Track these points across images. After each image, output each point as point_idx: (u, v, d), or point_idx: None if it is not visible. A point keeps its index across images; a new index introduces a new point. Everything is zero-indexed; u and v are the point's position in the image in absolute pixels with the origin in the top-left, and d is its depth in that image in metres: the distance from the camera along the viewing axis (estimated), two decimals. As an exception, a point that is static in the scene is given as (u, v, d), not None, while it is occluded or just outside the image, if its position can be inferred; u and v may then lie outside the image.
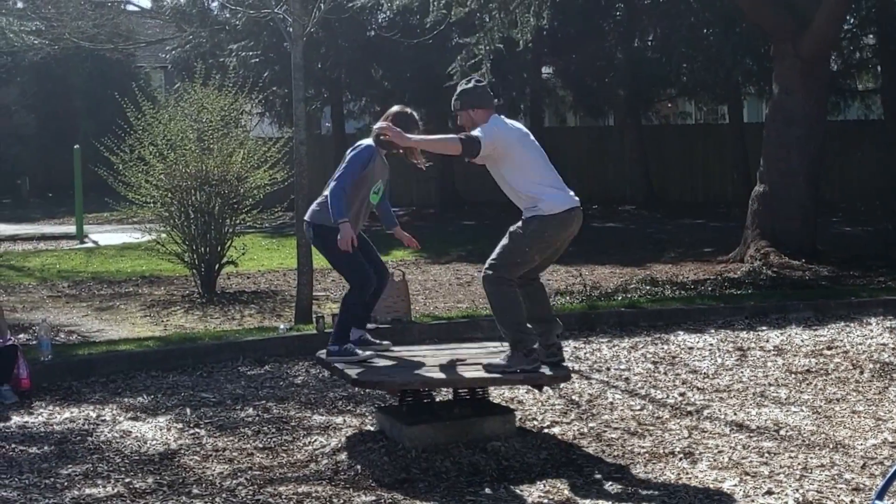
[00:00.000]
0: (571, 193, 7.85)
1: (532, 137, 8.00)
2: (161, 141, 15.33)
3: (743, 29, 23.91)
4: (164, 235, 15.87)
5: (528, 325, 7.77)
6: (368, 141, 8.41)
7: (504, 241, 7.81)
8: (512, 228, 7.83)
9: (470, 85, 8.06)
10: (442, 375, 7.81)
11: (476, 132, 7.69)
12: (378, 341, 8.57)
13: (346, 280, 8.52)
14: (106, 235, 24.55)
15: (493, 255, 7.80)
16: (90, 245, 23.24)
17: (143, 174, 15.42)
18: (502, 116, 7.98)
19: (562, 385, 9.52)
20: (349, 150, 8.43)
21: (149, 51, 38.71)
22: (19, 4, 25.02)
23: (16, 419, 8.85)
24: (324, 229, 8.31)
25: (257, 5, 15.79)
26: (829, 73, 20.39)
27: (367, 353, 8.25)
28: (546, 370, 7.81)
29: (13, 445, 8.07)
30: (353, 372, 7.85)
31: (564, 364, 8.13)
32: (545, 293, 8.20)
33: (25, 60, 30.99)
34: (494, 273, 7.74)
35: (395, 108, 8.58)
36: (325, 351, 8.42)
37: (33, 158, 39.35)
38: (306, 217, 8.56)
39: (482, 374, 7.77)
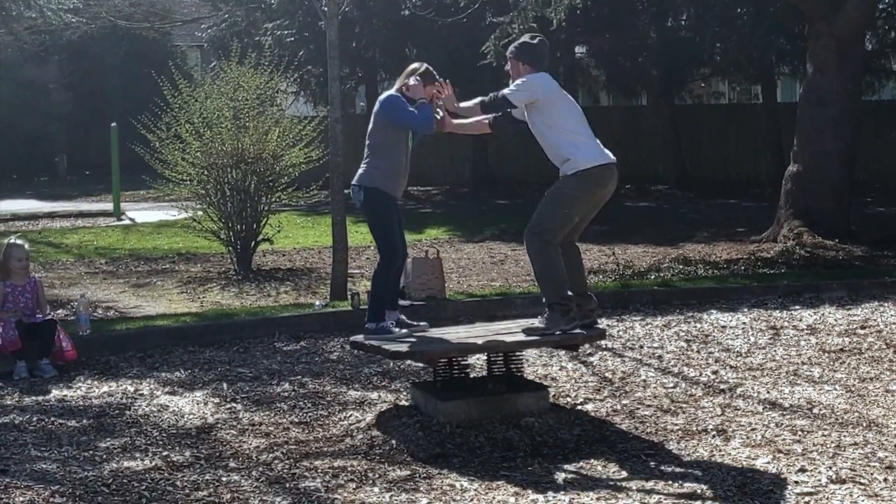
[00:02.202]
0: (608, 151, 7.91)
1: (571, 99, 8.07)
2: (197, 119, 15.41)
3: (777, 8, 23.78)
4: (200, 213, 15.97)
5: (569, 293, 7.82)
6: (390, 91, 8.49)
7: (544, 203, 7.87)
8: (549, 191, 7.89)
9: (534, 41, 8.12)
10: (479, 342, 7.87)
11: (512, 89, 7.84)
12: (415, 323, 8.59)
13: (378, 248, 8.56)
14: (142, 213, 24.68)
15: (534, 219, 7.85)
16: (127, 222, 23.37)
17: (179, 152, 15.50)
18: (548, 76, 8.01)
19: (595, 362, 9.59)
20: (377, 105, 8.47)
21: (185, 30, 38.79)
22: (57, -17, 25.16)
23: (55, 393, 8.96)
24: (373, 192, 8.36)
25: (293, -16, 15.85)
26: (864, 53, 20.27)
27: (403, 330, 8.31)
28: (580, 331, 7.89)
29: (53, 419, 8.18)
30: (389, 346, 7.91)
31: (598, 325, 8.18)
32: (582, 267, 8.27)
33: (63, 39, 31.12)
34: (538, 237, 7.80)
35: (416, 66, 8.64)
36: (359, 336, 8.45)
37: (70, 136, 39.51)
38: (355, 180, 8.50)
39: (520, 337, 7.85)
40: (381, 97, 8.53)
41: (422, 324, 8.61)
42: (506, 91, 7.87)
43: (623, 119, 32.81)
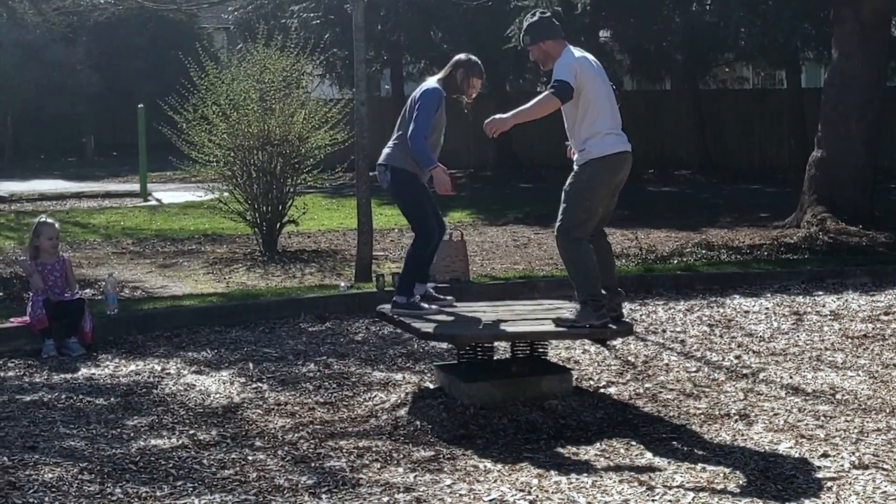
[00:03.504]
0: (624, 136, 7.94)
1: (599, 67, 8.03)
2: (224, 101, 15.47)
3: (802, -7, 23.68)
4: (226, 194, 16.04)
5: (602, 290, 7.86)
6: (433, 83, 8.47)
7: (564, 201, 7.88)
8: (565, 187, 7.91)
9: (535, 18, 8.12)
10: (511, 329, 7.91)
11: (559, 75, 7.69)
12: (442, 297, 8.65)
13: (413, 229, 8.59)
14: (169, 194, 24.82)
15: (560, 219, 7.87)
16: (154, 203, 23.51)
17: (206, 133, 15.57)
18: (572, 48, 7.99)
19: (618, 346, 9.63)
20: (417, 94, 8.45)
21: (211, 12, 38.80)
22: (85, -35, 25.23)
23: (83, 371, 9.07)
24: (401, 172, 8.39)
25: (319, -33, 15.88)
26: (890, 39, 20.19)
27: (434, 307, 8.36)
28: (611, 325, 7.93)
29: (81, 396, 8.28)
30: (422, 326, 7.94)
31: (624, 320, 8.24)
32: (612, 261, 8.32)
33: (90, 20, 31.19)
34: (566, 236, 7.84)
35: (462, 57, 8.61)
36: (386, 306, 8.54)
37: (98, 118, 39.71)
38: (381, 160, 8.53)
39: (550, 327, 7.88)
40: (425, 87, 8.49)
41: (448, 298, 8.66)
42: (557, 77, 7.67)
43: (647, 104, 32.73)
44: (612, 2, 28.11)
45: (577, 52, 7.96)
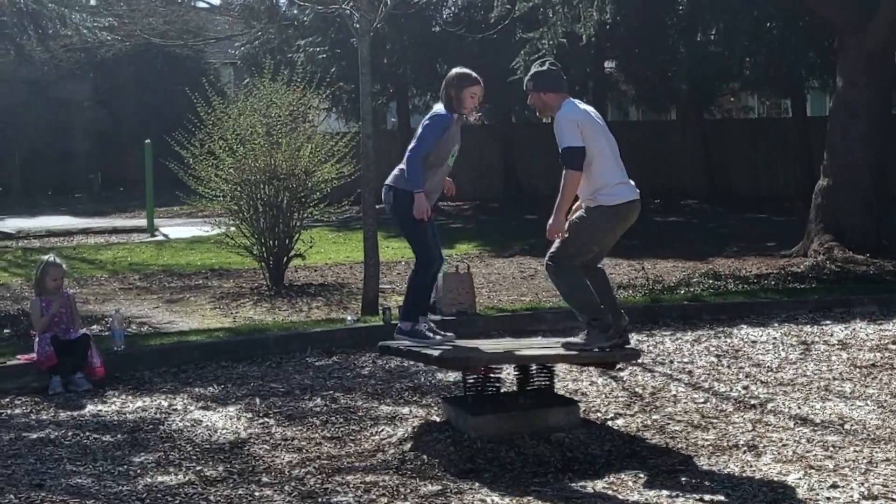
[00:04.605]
0: (632, 184, 7.95)
1: (601, 120, 8.04)
2: (230, 135, 15.51)
3: (806, 22, 23.75)
4: (233, 229, 16.05)
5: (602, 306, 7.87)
6: (441, 108, 8.44)
7: (566, 231, 7.88)
8: (572, 218, 7.92)
9: (544, 67, 8.12)
10: (521, 353, 7.93)
11: (564, 140, 7.71)
12: (443, 333, 8.56)
13: (414, 252, 8.54)
14: (176, 229, 24.83)
15: (554, 247, 7.91)
16: (160, 238, 23.51)
17: (212, 168, 15.60)
18: (574, 101, 8.01)
19: (625, 377, 9.61)
20: (429, 118, 8.40)
21: (218, 47, 39.03)
22: (92, 1, 25.36)
23: (90, 408, 9.06)
24: (404, 194, 8.31)
25: (325, 1, 15.94)
26: (894, 66, 20.23)
27: (438, 337, 8.31)
28: (618, 349, 7.95)
29: (87, 433, 8.26)
30: (433, 352, 7.93)
31: (630, 344, 8.23)
32: (610, 287, 8.30)
33: (98, 56, 31.33)
34: (556, 264, 7.87)
35: (449, 76, 8.53)
36: (388, 342, 8.50)
37: (105, 153, 39.76)
38: (388, 181, 8.48)
39: (560, 351, 7.90)
40: (432, 111, 8.46)
41: (448, 334, 8.57)
42: (564, 145, 7.72)
43: (652, 134, 32.76)
44: (616, 32, 28.17)
45: (581, 106, 8.00)
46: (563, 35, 18.06)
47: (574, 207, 8.00)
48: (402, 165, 8.37)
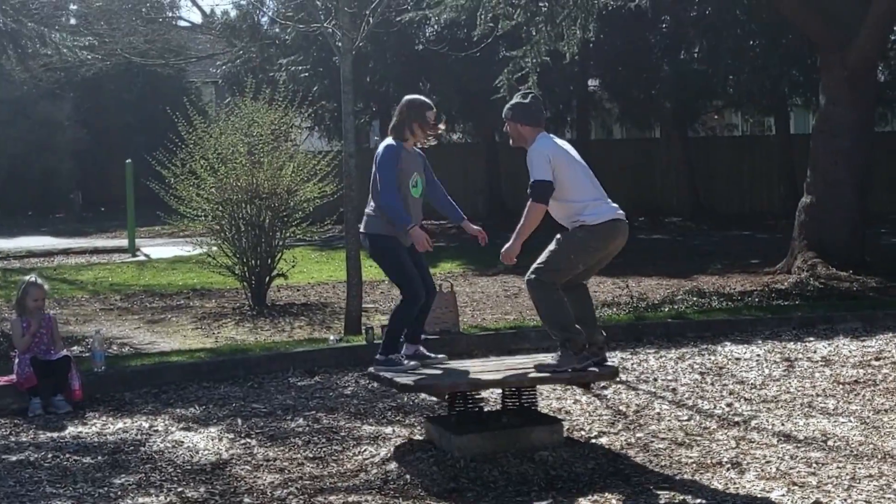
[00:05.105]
0: (615, 206, 7.97)
1: (574, 153, 8.11)
2: (212, 155, 15.47)
3: (789, 40, 23.87)
4: (214, 248, 16.01)
5: (577, 326, 7.85)
6: (388, 140, 8.44)
7: (550, 246, 7.95)
8: (559, 235, 7.96)
9: (526, 100, 8.16)
10: (489, 377, 7.89)
11: (534, 173, 7.80)
12: (433, 355, 8.59)
13: (401, 291, 8.56)
14: (157, 249, 24.77)
15: (538, 261, 7.94)
16: (142, 258, 23.45)
17: (194, 188, 15.55)
18: (550, 136, 8.10)
19: (609, 395, 9.58)
20: (381, 151, 8.41)
21: (199, 66, 39.00)
22: (72, 21, 25.25)
23: (70, 429, 8.98)
24: (378, 238, 8.38)
25: (307, 20, 15.92)
26: (876, 84, 20.29)
27: (413, 363, 8.31)
28: (593, 368, 7.92)
29: (67, 455, 8.19)
30: (400, 378, 7.93)
31: (609, 363, 8.22)
32: (591, 302, 8.31)
33: (78, 76, 31.26)
34: (538, 278, 7.89)
35: (402, 105, 8.61)
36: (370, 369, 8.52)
37: (86, 173, 39.69)
38: (361, 228, 8.59)
39: (531, 373, 7.89)
40: (379, 150, 8.46)
41: (440, 356, 8.60)
42: (533, 178, 7.81)
43: (636, 151, 32.90)
44: (600, 51, 28.29)
45: (556, 140, 8.08)
46: (546, 53, 18.04)
47: None
48: (370, 208, 8.43)
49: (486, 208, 31.38)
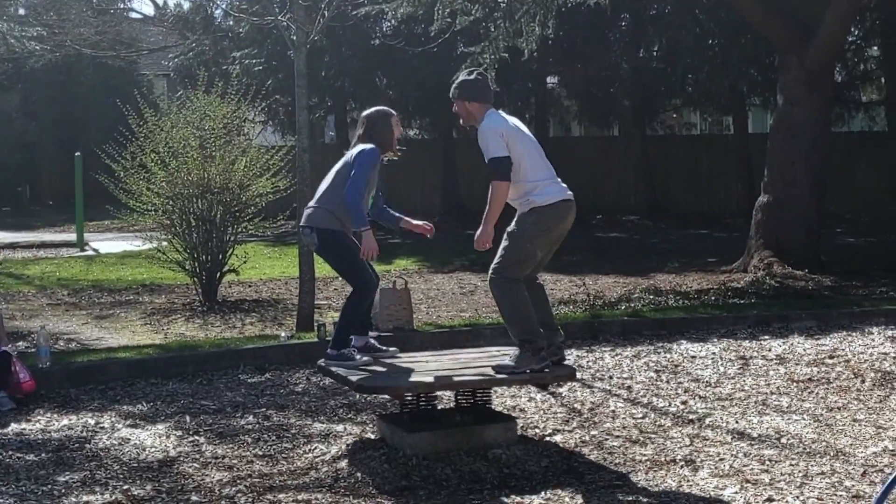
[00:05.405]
0: (564, 185, 7.92)
1: (525, 129, 8.05)
2: (163, 148, 15.30)
3: (748, 40, 23.91)
4: (165, 243, 15.83)
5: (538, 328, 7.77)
6: (369, 145, 8.36)
7: (504, 242, 7.87)
8: (509, 229, 7.90)
9: (471, 77, 8.09)
10: (448, 378, 7.79)
11: (490, 151, 7.70)
12: (385, 348, 8.52)
13: (351, 284, 8.47)
14: (106, 243, 24.57)
15: (497, 259, 7.85)
16: (90, 253, 23.23)
17: (144, 182, 15.38)
18: (499, 111, 8.01)
19: (564, 393, 9.51)
20: (354, 153, 8.35)
21: (151, 58, 38.74)
22: (21, 11, 24.98)
23: (13, 426, 8.81)
24: (329, 233, 8.27)
25: (261, 13, 15.80)
26: (834, 85, 20.36)
27: (366, 358, 8.22)
28: (550, 369, 7.86)
29: (10, 452, 8.04)
30: (355, 377, 7.81)
31: (567, 363, 8.13)
32: (547, 301, 8.24)
33: (27, 67, 30.99)
34: (500, 275, 7.79)
35: (373, 115, 8.54)
36: (320, 362, 8.42)
37: (34, 166, 39.42)
38: (305, 222, 8.47)
39: (490, 374, 7.79)
40: (361, 147, 8.35)
41: (391, 349, 8.53)
42: (490, 156, 7.72)
43: (595, 149, 32.92)
44: (559, 48, 28.26)
45: (505, 116, 8.00)
46: (504, 50, 17.98)
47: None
48: (318, 202, 8.36)
49: (443, 205, 31.31)
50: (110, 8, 30.63)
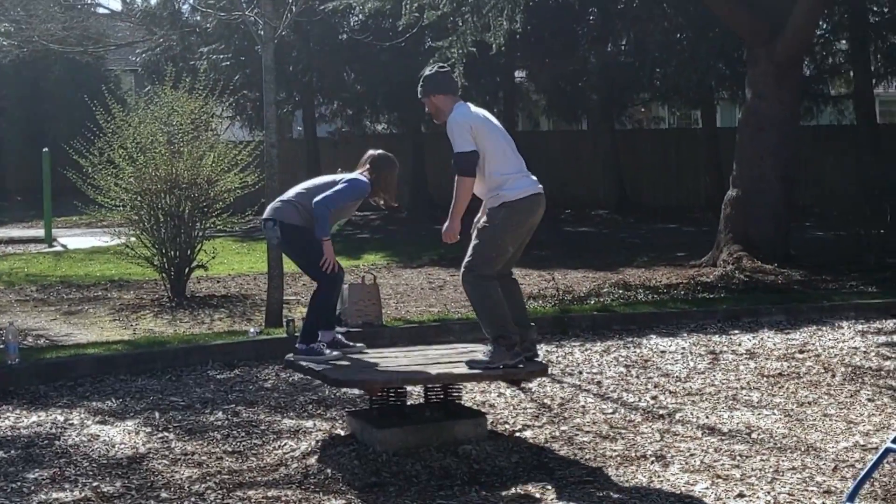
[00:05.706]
0: (534, 179, 7.90)
1: (495, 120, 8.03)
2: (131, 144, 15.22)
3: (716, 34, 23.97)
4: (133, 239, 15.75)
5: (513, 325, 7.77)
6: (365, 176, 8.37)
7: (475, 239, 7.85)
8: (479, 225, 7.88)
9: (432, 71, 8.11)
10: (424, 373, 7.77)
11: (457, 145, 7.69)
12: (351, 344, 8.49)
13: (316, 280, 8.44)
14: (75, 239, 24.45)
15: (468, 256, 7.82)
16: (59, 249, 23.11)
17: (112, 177, 15.30)
18: (468, 104, 7.99)
19: (534, 388, 9.51)
20: (347, 176, 8.35)
21: (119, 54, 38.50)
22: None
23: (-19, 424, 8.77)
24: (294, 229, 8.25)
25: (228, 8, 15.76)
26: (803, 78, 20.44)
27: (335, 353, 8.19)
28: (523, 365, 7.84)
29: (-22, 450, 7.99)
30: (331, 372, 7.79)
31: (539, 360, 8.12)
32: (521, 297, 8.24)
33: (-7, 63, 30.84)
34: (473, 272, 7.77)
35: (379, 160, 8.51)
36: (289, 357, 8.40)
37: (1, 161, 39.13)
38: (269, 214, 8.41)
39: (464, 370, 7.76)
40: (359, 178, 8.35)
41: (358, 345, 8.50)
42: (457, 151, 7.71)
43: (563, 143, 32.93)
44: (527, 42, 28.25)
45: (474, 109, 7.96)
46: (472, 44, 17.95)
47: (478, 217, 7.91)
48: (288, 198, 8.36)
49: (412, 200, 31.26)
50: (78, 3, 30.43)
